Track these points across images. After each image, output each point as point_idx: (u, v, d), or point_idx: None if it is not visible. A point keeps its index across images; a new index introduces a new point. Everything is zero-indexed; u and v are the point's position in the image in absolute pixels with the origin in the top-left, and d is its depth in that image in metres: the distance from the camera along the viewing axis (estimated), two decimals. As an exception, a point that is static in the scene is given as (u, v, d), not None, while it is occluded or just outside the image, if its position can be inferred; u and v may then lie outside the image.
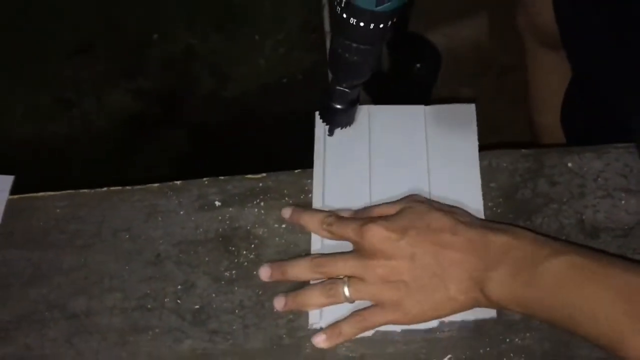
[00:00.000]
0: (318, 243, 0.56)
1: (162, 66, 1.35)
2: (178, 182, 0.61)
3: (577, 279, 0.46)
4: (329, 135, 0.61)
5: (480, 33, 1.35)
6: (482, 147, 0.59)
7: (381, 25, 0.49)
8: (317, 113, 0.61)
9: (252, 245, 0.58)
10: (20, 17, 1.38)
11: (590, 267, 0.46)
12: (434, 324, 0.52)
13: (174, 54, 1.36)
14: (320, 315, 0.53)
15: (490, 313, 0.52)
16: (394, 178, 0.58)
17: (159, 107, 1.31)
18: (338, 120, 0.59)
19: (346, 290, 0.52)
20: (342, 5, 0.48)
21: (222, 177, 0.61)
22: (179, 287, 0.56)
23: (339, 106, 0.58)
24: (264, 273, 0.55)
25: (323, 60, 1.33)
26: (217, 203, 0.60)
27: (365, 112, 0.62)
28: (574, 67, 0.73)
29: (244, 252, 0.57)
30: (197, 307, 0.55)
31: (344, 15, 0.49)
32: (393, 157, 0.59)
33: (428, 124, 0.60)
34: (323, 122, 0.60)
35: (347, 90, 0.56)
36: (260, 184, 0.60)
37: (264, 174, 0.61)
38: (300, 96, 1.29)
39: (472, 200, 0.56)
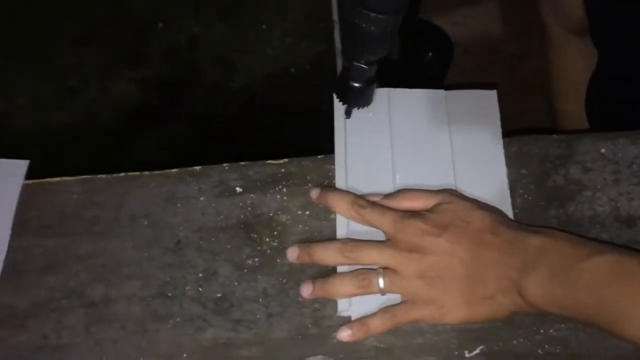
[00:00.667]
0: (344, 228, 0.55)
1: (167, 55, 1.33)
2: (197, 168, 0.59)
3: (615, 277, 0.45)
4: (346, 117, 0.59)
5: (489, 22, 1.34)
6: (511, 133, 0.58)
7: None
8: (334, 94, 0.59)
9: (275, 233, 0.56)
10: (24, 6, 1.36)
11: (628, 266, 0.45)
12: None
13: (179, 43, 1.34)
14: (350, 303, 0.52)
15: None
16: (417, 162, 0.57)
17: (164, 96, 1.30)
18: (355, 99, 0.58)
19: (380, 282, 0.51)
20: None
21: (242, 163, 0.59)
22: (200, 275, 0.54)
23: (356, 84, 0.56)
24: (292, 254, 0.54)
25: (331, 50, 1.32)
26: (238, 189, 0.58)
27: (385, 95, 0.60)
28: (603, 55, 0.72)
29: (267, 239, 0.56)
30: (219, 295, 0.54)
31: None
32: (415, 141, 0.58)
33: (450, 108, 0.59)
34: (340, 101, 0.59)
35: (364, 66, 0.55)
36: (282, 170, 0.58)
37: (286, 160, 0.59)
38: (307, 86, 1.27)
39: (498, 186, 0.55)
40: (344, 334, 0.51)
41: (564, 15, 0.81)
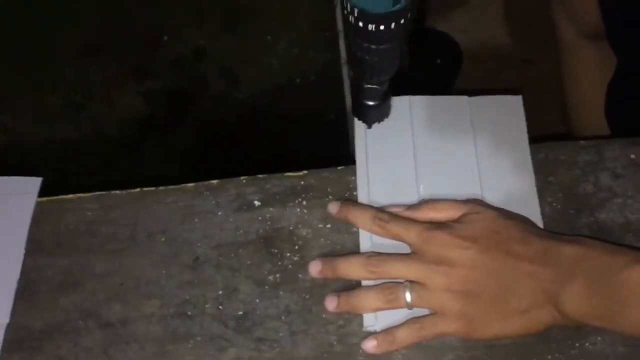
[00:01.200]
0: (367, 242, 0.53)
1: (172, 68, 1.32)
2: (214, 182, 0.58)
3: None
4: (367, 127, 0.58)
5: (495, 28, 1.33)
6: (537, 139, 0.56)
7: (402, 21, 0.45)
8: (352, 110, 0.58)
9: (296, 247, 0.54)
10: (29, 21, 1.35)
11: None
12: None
13: (184, 56, 1.33)
14: (376, 317, 0.50)
15: None
16: (441, 171, 0.55)
17: (170, 109, 1.29)
18: (373, 116, 0.57)
19: (408, 296, 0.49)
20: (355, 15, 0.44)
21: (260, 176, 0.58)
22: (220, 292, 0.53)
23: (371, 102, 0.55)
24: (314, 268, 0.52)
25: (336, 60, 1.31)
26: (257, 203, 0.56)
27: (406, 103, 0.59)
28: (622, 60, 0.70)
29: (288, 254, 0.54)
30: (240, 313, 0.52)
31: (360, 24, 0.45)
32: (438, 149, 0.57)
33: (473, 115, 0.58)
34: (357, 119, 0.57)
35: (376, 87, 0.53)
36: (302, 182, 0.57)
37: (305, 172, 0.57)
38: (313, 96, 1.26)
39: (526, 195, 0.54)
40: (370, 345, 0.49)
41: (578, 21, 0.80)
